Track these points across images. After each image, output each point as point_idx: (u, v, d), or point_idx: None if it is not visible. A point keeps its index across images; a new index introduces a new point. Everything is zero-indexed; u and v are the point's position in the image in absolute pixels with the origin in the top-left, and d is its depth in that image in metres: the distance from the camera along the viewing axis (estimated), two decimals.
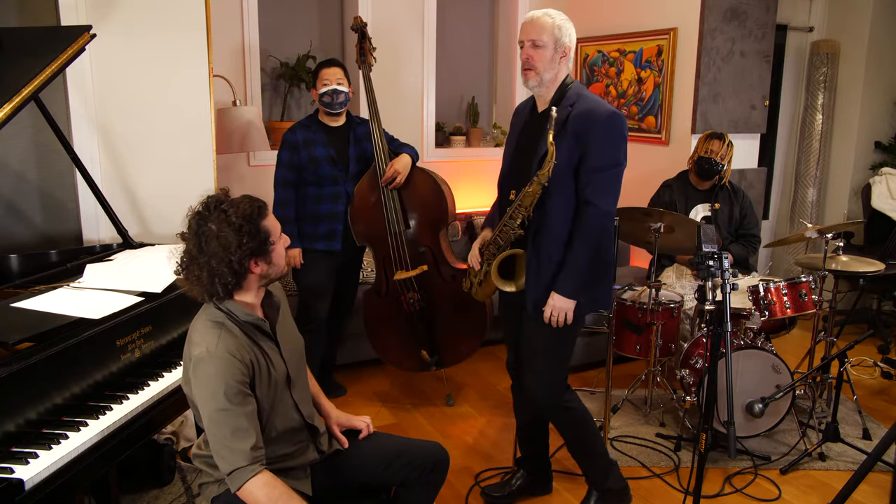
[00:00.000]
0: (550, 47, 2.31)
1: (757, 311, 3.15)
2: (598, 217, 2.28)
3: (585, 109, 2.28)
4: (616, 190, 2.32)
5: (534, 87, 2.37)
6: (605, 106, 2.31)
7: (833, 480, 2.92)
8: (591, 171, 2.26)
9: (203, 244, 1.65)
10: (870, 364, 4.23)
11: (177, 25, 2.89)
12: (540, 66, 2.32)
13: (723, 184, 3.71)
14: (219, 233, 1.64)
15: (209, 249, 1.64)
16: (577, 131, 2.26)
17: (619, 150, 2.29)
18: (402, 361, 3.56)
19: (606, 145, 2.26)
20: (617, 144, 2.28)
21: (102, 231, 2.85)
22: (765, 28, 4.24)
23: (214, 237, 1.64)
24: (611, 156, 2.27)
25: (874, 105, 5.08)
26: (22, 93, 2.07)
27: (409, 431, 3.31)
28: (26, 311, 1.86)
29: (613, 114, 2.29)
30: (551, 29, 2.31)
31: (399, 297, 3.43)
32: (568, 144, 2.26)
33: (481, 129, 5.16)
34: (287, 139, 3.29)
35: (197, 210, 1.69)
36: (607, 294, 2.50)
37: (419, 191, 3.42)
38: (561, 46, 2.32)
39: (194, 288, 1.69)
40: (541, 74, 2.33)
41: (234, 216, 1.65)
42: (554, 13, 2.34)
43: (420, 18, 4.65)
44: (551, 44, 2.31)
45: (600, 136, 2.25)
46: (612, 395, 3.25)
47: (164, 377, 1.99)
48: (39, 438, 1.60)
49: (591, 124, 2.26)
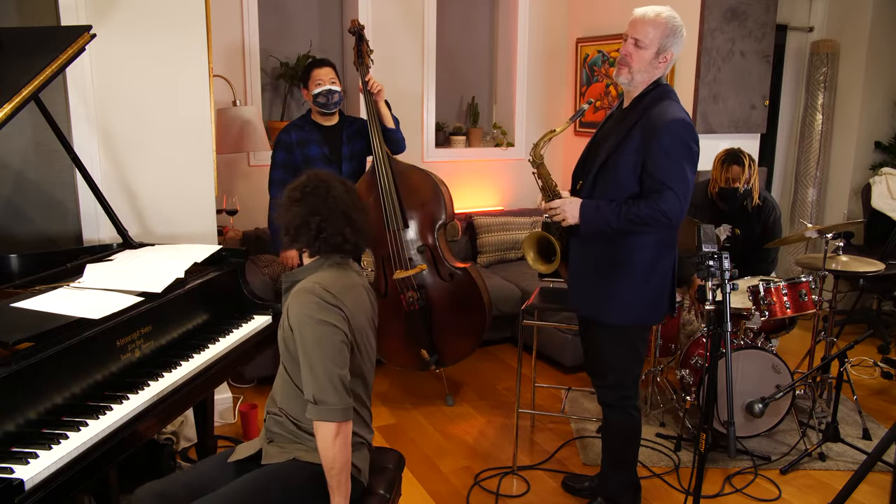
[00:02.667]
0: (653, 50, 2.24)
1: (757, 311, 3.15)
2: (674, 202, 2.17)
3: (653, 116, 2.21)
4: (681, 200, 2.20)
5: (624, 83, 2.31)
6: (672, 112, 2.20)
7: (833, 480, 2.92)
8: (654, 179, 2.20)
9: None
10: (870, 364, 4.23)
11: (177, 25, 2.89)
12: (636, 66, 2.26)
13: (752, 206, 3.35)
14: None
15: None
16: (643, 136, 2.21)
17: (681, 160, 2.18)
18: (402, 361, 3.56)
19: (667, 155, 2.17)
20: (679, 155, 2.18)
21: (102, 231, 2.85)
22: (765, 28, 4.24)
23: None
24: (672, 166, 2.18)
25: (874, 105, 5.08)
26: (22, 93, 2.06)
27: (409, 431, 3.32)
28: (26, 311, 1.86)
29: (675, 120, 2.18)
30: (661, 32, 2.23)
31: (398, 297, 3.43)
32: (633, 148, 2.22)
33: (481, 129, 5.16)
34: (281, 140, 3.31)
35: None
36: (660, 309, 2.41)
37: (417, 190, 3.43)
38: (665, 51, 2.25)
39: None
40: (633, 74, 2.28)
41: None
42: (668, 14, 2.25)
43: (420, 18, 4.66)
44: (655, 47, 2.24)
45: (661, 145, 2.17)
46: None
47: (164, 377, 1.98)
48: (39, 438, 1.59)
49: (654, 132, 2.19)
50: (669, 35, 2.24)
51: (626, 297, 2.33)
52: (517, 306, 4.02)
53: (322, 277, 1.78)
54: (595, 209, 2.27)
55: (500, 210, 5.08)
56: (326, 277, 1.78)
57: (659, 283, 2.35)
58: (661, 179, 2.18)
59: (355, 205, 1.83)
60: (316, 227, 1.77)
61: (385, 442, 3.19)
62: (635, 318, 2.38)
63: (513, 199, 5.17)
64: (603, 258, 2.34)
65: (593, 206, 2.28)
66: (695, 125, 4.09)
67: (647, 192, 2.22)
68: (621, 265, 2.32)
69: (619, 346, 2.42)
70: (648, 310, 2.37)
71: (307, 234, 1.78)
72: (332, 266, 1.84)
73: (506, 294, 4.21)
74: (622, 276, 2.32)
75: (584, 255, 2.40)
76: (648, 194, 2.21)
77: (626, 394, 2.47)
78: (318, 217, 1.77)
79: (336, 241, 1.79)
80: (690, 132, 2.21)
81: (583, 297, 2.43)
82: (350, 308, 1.77)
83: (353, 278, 1.86)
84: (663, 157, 2.18)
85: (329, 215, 1.77)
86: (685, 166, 2.20)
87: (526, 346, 3.46)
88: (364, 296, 1.89)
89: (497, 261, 4.75)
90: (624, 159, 2.24)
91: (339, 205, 1.79)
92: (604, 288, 2.36)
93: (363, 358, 1.85)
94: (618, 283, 2.33)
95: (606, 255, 2.33)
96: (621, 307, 2.34)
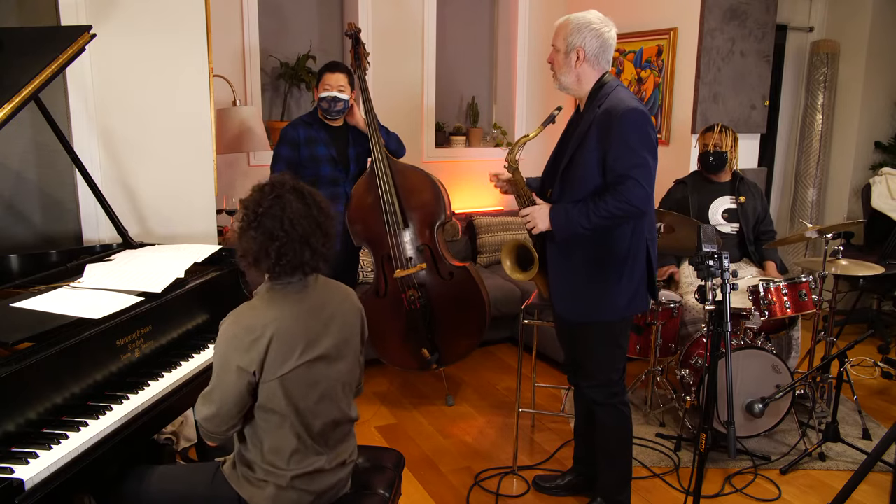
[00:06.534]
0: (563, 51, 2.33)
1: (757, 311, 3.15)
2: (638, 189, 2.18)
3: (607, 110, 2.25)
4: (645, 186, 2.22)
5: (559, 88, 2.41)
6: (624, 103, 2.23)
7: (833, 480, 2.92)
8: (614, 172, 2.22)
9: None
10: (870, 364, 4.23)
11: (177, 25, 2.89)
12: (556, 69, 2.37)
13: (741, 177, 3.68)
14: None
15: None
16: (599, 130, 2.24)
17: (639, 147, 2.21)
18: (403, 361, 3.56)
19: (625, 144, 2.20)
20: (638, 142, 2.21)
21: (102, 231, 2.85)
22: (765, 28, 4.24)
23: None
24: (631, 156, 2.20)
25: (874, 105, 5.08)
26: (22, 93, 2.06)
27: (409, 431, 3.32)
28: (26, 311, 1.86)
29: (629, 110, 2.21)
30: (565, 33, 2.31)
31: (399, 296, 3.44)
32: (593, 145, 2.25)
33: (481, 129, 5.16)
34: (288, 135, 3.27)
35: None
36: (643, 297, 2.44)
37: (417, 189, 3.45)
38: (572, 50, 2.31)
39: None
40: (559, 77, 2.37)
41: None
42: (577, 17, 2.32)
43: (420, 18, 4.66)
44: (563, 47, 2.32)
45: (618, 136, 2.20)
46: None
47: (165, 377, 1.98)
48: (39, 438, 1.59)
49: (609, 125, 2.22)
50: (574, 32, 2.30)
51: (613, 293, 2.36)
52: (517, 306, 4.02)
53: (252, 309, 1.71)
54: (564, 213, 2.29)
55: (500, 210, 5.08)
56: (258, 309, 1.71)
57: (641, 270, 2.39)
58: (621, 171, 2.21)
59: (315, 220, 1.70)
60: (275, 254, 1.65)
61: (385, 442, 3.20)
62: (626, 310, 2.40)
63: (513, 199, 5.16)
64: (584, 260, 2.36)
65: (562, 210, 2.30)
66: (695, 125, 4.15)
67: (610, 186, 2.24)
68: (603, 262, 2.34)
69: (608, 343, 2.44)
70: (636, 299, 2.40)
71: (266, 262, 1.67)
72: (287, 291, 1.73)
73: (506, 294, 4.21)
74: (607, 273, 2.35)
75: (563, 261, 2.40)
76: (612, 187, 2.23)
77: (615, 390, 2.49)
78: (277, 243, 1.65)
79: (297, 263, 1.69)
80: (644, 118, 2.24)
81: (570, 302, 2.43)
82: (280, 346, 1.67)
83: (313, 300, 1.76)
84: (622, 147, 2.21)
85: (287, 240, 1.65)
86: (643, 153, 2.22)
87: (526, 345, 3.46)
88: (318, 319, 1.75)
89: (497, 261, 4.75)
90: (585, 157, 2.28)
91: (296, 228, 1.65)
92: (591, 289, 2.37)
93: (304, 392, 1.72)
94: (604, 281, 2.35)
95: (586, 255, 2.35)
96: (611, 304, 2.37)
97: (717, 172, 3.66)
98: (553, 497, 2.78)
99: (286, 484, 1.72)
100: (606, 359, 2.46)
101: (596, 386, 2.50)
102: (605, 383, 2.48)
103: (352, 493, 1.89)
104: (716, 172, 3.66)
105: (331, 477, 1.80)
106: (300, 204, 1.68)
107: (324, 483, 1.79)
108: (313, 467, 1.75)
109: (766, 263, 3.64)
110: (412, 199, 3.44)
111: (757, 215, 3.67)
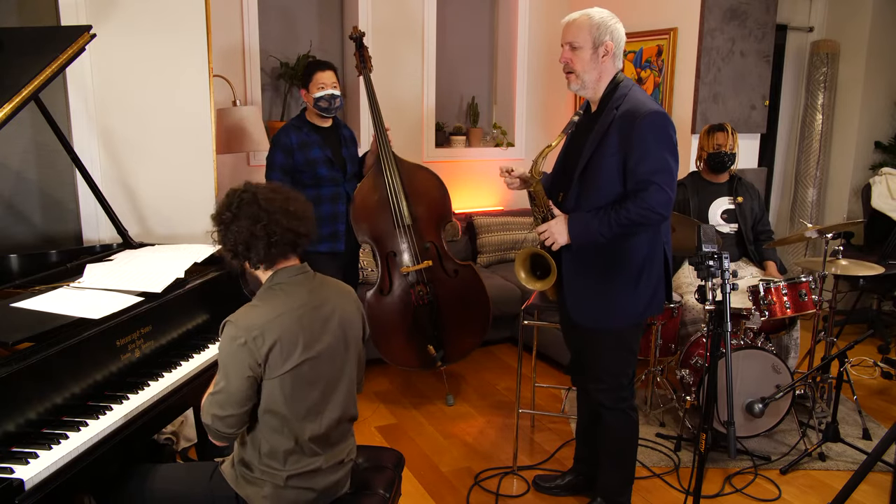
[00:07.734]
0: (589, 47, 2.24)
1: (757, 311, 3.15)
2: (660, 195, 2.13)
3: (627, 113, 2.19)
4: (667, 191, 2.17)
5: (577, 90, 2.30)
6: (645, 105, 2.18)
7: (833, 480, 2.92)
8: (635, 176, 2.17)
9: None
10: (870, 364, 4.23)
11: (177, 25, 2.89)
12: (579, 68, 2.26)
13: (739, 177, 3.68)
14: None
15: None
16: (619, 134, 2.19)
17: (662, 151, 2.16)
18: (406, 359, 3.56)
19: (648, 148, 2.15)
20: (660, 146, 2.16)
21: (102, 231, 2.85)
22: (765, 28, 4.24)
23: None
24: (653, 160, 2.15)
25: (874, 105, 5.08)
26: (22, 93, 2.07)
27: (409, 431, 3.32)
28: (26, 311, 1.86)
29: (651, 112, 2.16)
30: (588, 28, 2.23)
31: (404, 294, 3.48)
32: (613, 149, 2.20)
33: (481, 129, 5.16)
34: (280, 141, 3.24)
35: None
36: (659, 300, 2.41)
37: (424, 187, 3.51)
38: (601, 45, 2.24)
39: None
40: (581, 77, 2.27)
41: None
42: (594, 12, 2.25)
43: (420, 18, 4.66)
44: (590, 43, 2.23)
45: (641, 140, 2.15)
46: None
47: (164, 377, 1.99)
48: (39, 438, 1.59)
49: (631, 128, 2.16)
50: (599, 26, 2.23)
51: (631, 298, 2.32)
52: (517, 306, 4.03)
53: (253, 310, 1.71)
54: (583, 224, 2.23)
55: (500, 210, 5.08)
56: (260, 309, 1.71)
57: (656, 276, 2.35)
58: (643, 176, 2.16)
59: (287, 196, 1.75)
60: (264, 232, 1.68)
61: (385, 442, 3.20)
62: (639, 316, 2.38)
63: (513, 199, 5.17)
64: (601, 266, 2.31)
65: (581, 221, 2.24)
66: (695, 125, 4.15)
67: (632, 192, 2.19)
68: (620, 268, 2.30)
69: (618, 348, 2.41)
70: (650, 305, 2.37)
71: (259, 243, 1.69)
72: (287, 289, 1.75)
73: (506, 294, 4.21)
74: (624, 278, 2.31)
75: (579, 266, 2.35)
76: (633, 193, 2.18)
77: (624, 394, 2.46)
78: (262, 223, 1.68)
79: (289, 238, 1.72)
80: (666, 121, 2.19)
81: (585, 308, 2.38)
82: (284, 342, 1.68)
83: (314, 299, 1.78)
84: (643, 152, 2.15)
85: (270, 218, 1.68)
86: (667, 156, 2.17)
87: (526, 346, 3.46)
88: (319, 318, 1.77)
89: (497, 261, 4.75)
90: (605, 162, 2.22)
91: (273, 204, 1.70)
92: (607, 295, 2.33)
93: (308, 391, 1.74)
94: (621, 287, 2.31)
95: (602, 261, 2.30)
96: (628, 309, 2.33)
97: (720, 173, 3.66)
98: (553, 497, 2.78)
99: (283, 483, 1.73)
100: (618, 363, 2.43)
101: (605, 390, 2.46)
102: (615, 387, 2.45)
103: (352, 492, 1.90)
104: (720, 173, 3.66)
105: (329, 476, 1.81)
106: (266, 190, 1.75)
107: (322, 482, 1.80)
108: (310, 468, 1.76)
109: (766, 263, 3.64)
110: (420, 197, 3.49)
111: (754, 216, 3.68)
